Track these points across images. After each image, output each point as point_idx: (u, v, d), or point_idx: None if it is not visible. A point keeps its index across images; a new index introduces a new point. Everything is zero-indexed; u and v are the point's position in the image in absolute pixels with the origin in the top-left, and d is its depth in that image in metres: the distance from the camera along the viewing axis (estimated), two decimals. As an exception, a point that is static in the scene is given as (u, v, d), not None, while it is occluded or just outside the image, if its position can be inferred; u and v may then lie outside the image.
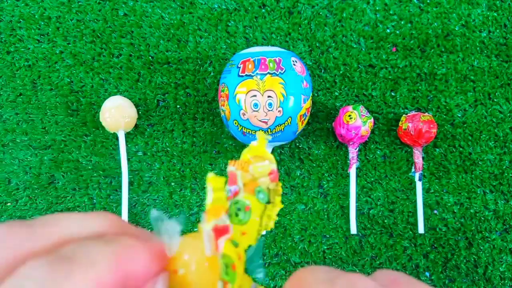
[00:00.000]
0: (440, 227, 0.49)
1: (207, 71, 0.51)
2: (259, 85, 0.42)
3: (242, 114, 0.42)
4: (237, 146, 0.50)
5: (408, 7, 0.51)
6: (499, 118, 0.49)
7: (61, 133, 0.51)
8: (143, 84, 0.51)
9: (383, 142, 0.50)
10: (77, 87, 0.52)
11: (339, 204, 0.49)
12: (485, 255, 0.48)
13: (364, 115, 0.46)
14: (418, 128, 0.46)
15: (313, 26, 0.51)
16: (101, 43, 0.52)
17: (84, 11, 0.52)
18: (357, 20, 0.51)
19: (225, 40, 0.51)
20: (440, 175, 0.49)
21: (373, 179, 0.49)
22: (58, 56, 0.52)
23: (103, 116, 0.48)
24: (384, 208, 0.49)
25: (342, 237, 0.49)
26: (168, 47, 0.51)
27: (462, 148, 0.49)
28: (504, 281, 0.48)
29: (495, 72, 0.50)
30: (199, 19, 0.51)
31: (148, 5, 0.52)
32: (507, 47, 0.50)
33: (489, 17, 0.50)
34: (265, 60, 0.42)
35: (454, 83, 0.50)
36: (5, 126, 0.51)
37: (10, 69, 0.52)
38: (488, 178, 0.49)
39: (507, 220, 0.48)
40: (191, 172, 0.50)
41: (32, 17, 0.52)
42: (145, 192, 0.50)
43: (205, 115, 0.51)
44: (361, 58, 0.51)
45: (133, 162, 0.50)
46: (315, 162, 0.50)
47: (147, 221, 0.50)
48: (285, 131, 0.43)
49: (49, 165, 0.51)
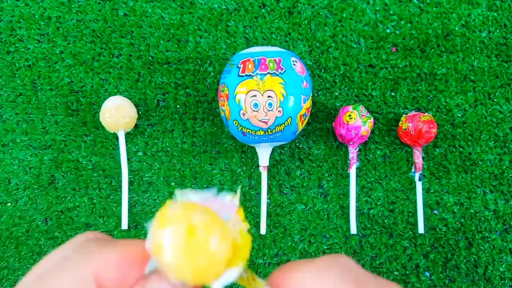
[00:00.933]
0: (440, 227, 0.49)
1: (207, 71, 0.51)
2: (259, 85, 0.42)
3: (242, 114, 0.42)
4: (237, 146, 0.50)
5: (408, 7, 0.51)
6: (499, 118, 0.50)
7: (61, 133, 0.51)
8: (143, 84, 0.51)
9: (383, 142, 0.50)
10: (77, 87, 0.52)
11: (339, 204, 0.49)
12: (485, 255, 0.48)
13: (364, 115, 0.46)
14: (418, 128, 0.46)
15: (313, 26, 0.51)
16: (101, 43, 0.52)
17: (84, 11, 0.52)
18: (357, 20, 0.51)
19: (225, 40, 0.51)
20: (440, 175, 0.49)
21: (373, 179, 0.49)
22: (58, 56, 0.52)
23: (103, 116, 0.48)
24: (384, 208, 0.49)
25: (342, 237, 0.49)
26: (168, 47, 0.51)
27: (462, 148, 0.49)
28: (504, 281, 0.48)
29: (495, 72, 0.50)
30: (199, 19, 0.51)
31: (148, 5, 0.52)
32: (507, 47, 0.50)
33: (489, 17, 0.50)
34: (265, 60, 0.42)
35: (454, 83, 0.50)
36: (5, 126, 0.51)
37: (10, 69, 0.52)
38: (488, 178, 0.49)
39: (507, 220, 0.48)
40: (191, 172, 0.50)
41: (32, 17, 0.52)
42: (145, 192, 0.50)
43: (205, 115, 0.51)
44: (361, 58, 0.51)
45: (133, 162, 0.50)
46: (315, 162, 0.50)
47: (147, 221, 0.50)
48: (285, 131, 0.43)
49: (49, 165, 0.51)
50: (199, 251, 0.16)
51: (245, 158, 0.50)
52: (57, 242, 0.50)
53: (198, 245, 0.16)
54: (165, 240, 0.17)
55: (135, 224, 0.50)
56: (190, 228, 0.17)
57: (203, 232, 0.17)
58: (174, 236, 0.16)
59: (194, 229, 0.16)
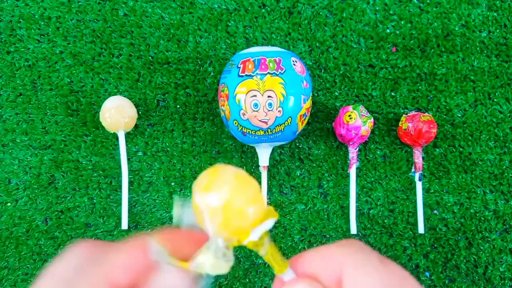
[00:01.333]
0: (440, 227, 0.49)
1: (207, 71, 0.51)
2: (259, 85, 0.42)
3: (242, 114, 0.42)
4: (237, 146, 0.50)
5: (408, 7, 0.51)
6: (499, 118, 0.50)
7: (61, 133, 0.51)
8: (143, 84, 0.51)
9: (383, 142, 0.50)
10: (77, 87, 0.52)
11: (339, 204, 0.49)
12: (485, 255, 0.48)
13: (364, 115, 0.46)
14: (418, 128, 0.46)
15: (313, 26, 0.51)
16: (101, 43, 0.52)
17: (84, 11, 0.52)
18: (357, 20, 0.51)
19: (225, 40, 0.51)
20: (440, 175, 0.49)
21: (373, 179, 0.49)
22: (58, 56, 0.52)
23: (103, 116, 0.48)
24: (384, 208, 0.49)
25: (342, 237, 0.49)
26: (168, 47, 0.51)
27: (462, 148, 0.49)
28: (504, 281, 0.48)
29: (495, 72, 0.50)
30: (199, 19, 0.51)
31: (148, 5, 0.52)
32: (507, 47, 0.50)
33: (489, 17, 0.50)
34: (265, 60, 0.42)
35: (454, 83, 0.50)
36: (5, 126, 0.51)
37: (10, 69, 0.52)
38: (488, 178, 0.49)
39: (507, 220, 0.48)
40: (191, 172, 0.50)
41: (32, 17, 0.52)
42: (145, 192, 0.50)
43: (205, 115, 0.51)
44: (361, 58, 0.51)
45: (133, 162, 0.50)
46: (315, 162, 0.50)
47: (147, 221, 0.50)
48: (285, 131, 0.43)
49: (49, 165, 0.51)
50: (240, 196, 0.19)
51: (245, 158, 0.50)
52: (57, 242, 0.50)
53: (240, 191, 0.19)
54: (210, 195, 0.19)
55: (135, 224, 0.50)
56: (236, 175, 0.19)
57: (242, 183, 0.19)
58: (218, 188, 0.19)
59: (234, 178, 0.19)
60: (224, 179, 0.19)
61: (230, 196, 0.19)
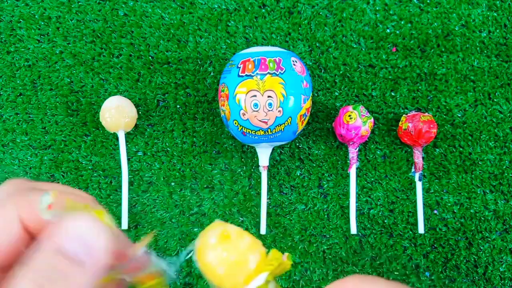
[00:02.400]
0: (440, 227, 0.49)
1: (207, 71, 0.51)
2: (259, 85, 0.42)
3: (242, 114, 0.42)
4: (237, 146, 0.50)
5: (408, 7, 0.51)
6: (499, 118, 0.50)
7: (61, 133, 0.51)
8: (143, 84, 0.51)
9: (383, 142, 0.50)
10: (77, 87, 0.52)
11: (339, 204, 0.49)
12: (485, 255, 0.48)
13: (364, 115, 0.46)
14: (418, 128, 0.46)
15: (313, 26, 0.51)
16: (101, 43, 0.52)
17: (84, 11, 0.52)
18: (357, 20, 0.51)
19: (225, 40, 0.51)
20: (440, 175, 0.49)
21: (373, 179, 0.49)
22: (58, 56, 0.52)
23: (103, 116, 0.48)
24: (384, 208, 0.49)
25: (342, 237, 0.49)
26: (168, 47, 0.51)
27: (462, 148, 0.49)
28: (504, 281, 0.48)
29: (495, 72, 0.50)
30: (199, 19, 0.51)
31: (148, 5, 0.52)
32: (507, 47, 0.50)
33: (489, 17, 0.50)
34: (265, 60, 0.42)
35: (454, 83, 0.50)
36: (5, 126, 0.51)
37: (10, 69, 0.52)
38: (488, 178, 0.49)
39: (507, 220, 0.48)
40: (191, 172, 0.50)
41: (32, 17, 0.52)
42: (145, 192, 0.50)
43: (205, 115, 0.51)
44: (361, 58, 0.51)
45: (133, 162, 0.50)
46: (315, 162, 0.50)
47: (147, 221, 0.50)
48: (285, 131, 0.43)
49: (49, 165, 0.51)
50: (232, 251, 0.20)
51: (245, 158, 0.50)
52: (57, 242, 0.50)
53: (232, 246, 0.20)
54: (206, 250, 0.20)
55: (135, 224, 0.50)
56: (225, 232, 0.21)
57: (236, 235, 0.20)
58: (212, 239, 0.20)
59: (229, 234, 0.20)
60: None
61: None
